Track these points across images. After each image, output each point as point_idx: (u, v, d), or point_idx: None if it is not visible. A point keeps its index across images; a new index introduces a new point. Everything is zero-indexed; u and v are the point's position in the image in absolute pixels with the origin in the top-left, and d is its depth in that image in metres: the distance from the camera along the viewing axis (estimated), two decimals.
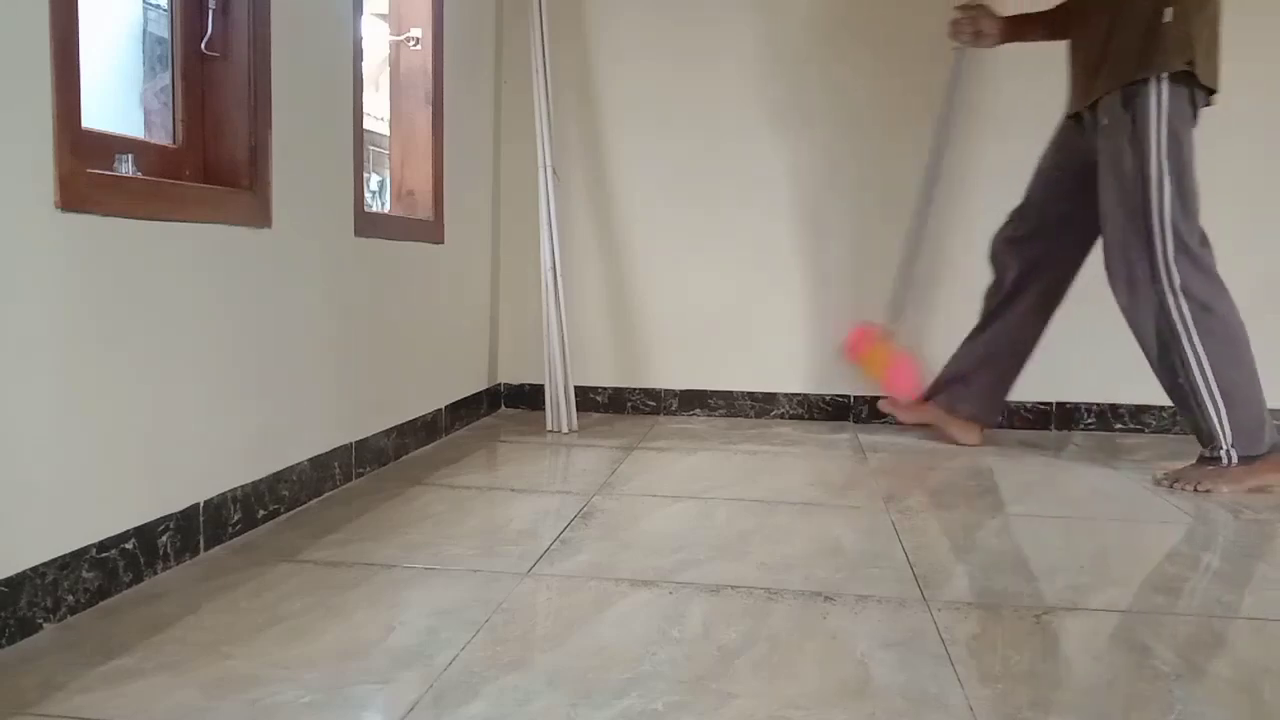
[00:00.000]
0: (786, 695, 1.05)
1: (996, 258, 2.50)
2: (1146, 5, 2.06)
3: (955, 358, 2.56)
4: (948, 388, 2.57)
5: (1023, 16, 2.44)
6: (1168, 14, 2.03)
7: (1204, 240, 2.13)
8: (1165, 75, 2.04)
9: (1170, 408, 2.83)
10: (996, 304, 2.49)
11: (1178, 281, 2.07)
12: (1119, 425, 2.85)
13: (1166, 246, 2.07)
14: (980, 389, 2.53)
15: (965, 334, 2.57)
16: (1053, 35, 2.37)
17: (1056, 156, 2.37)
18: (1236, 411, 2.07)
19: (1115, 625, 1.29)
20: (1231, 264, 2.78)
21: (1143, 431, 2.84)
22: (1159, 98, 2.05)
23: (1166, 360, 2.12)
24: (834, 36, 2.84)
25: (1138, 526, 1.81)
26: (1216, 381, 2.07)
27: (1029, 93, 2.69)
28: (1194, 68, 2.03)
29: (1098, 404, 2.85)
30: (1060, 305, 2.48)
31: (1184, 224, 2.08)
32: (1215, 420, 2.08)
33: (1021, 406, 2.87)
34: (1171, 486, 2.11)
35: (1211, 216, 2.78)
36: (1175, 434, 2.82)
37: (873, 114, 2.87)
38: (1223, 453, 2.08)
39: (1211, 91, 2.10)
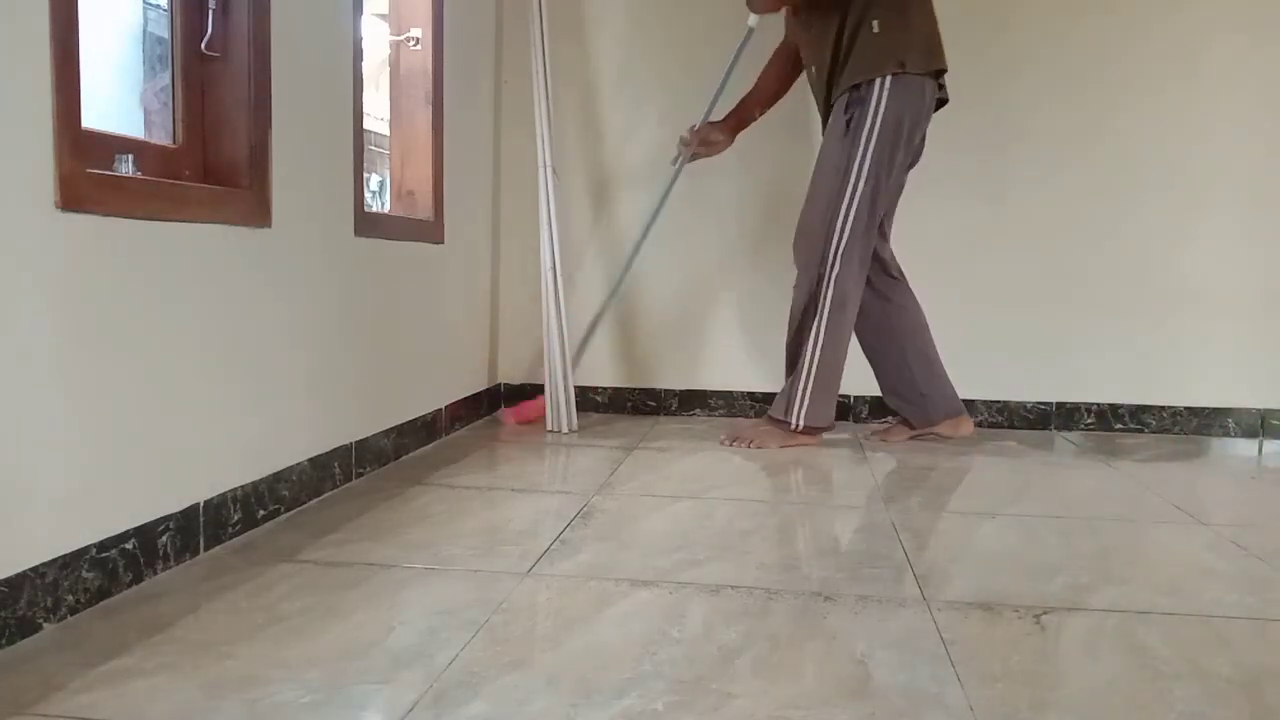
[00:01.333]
0: (786, 695, 1.05)
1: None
2: (855, 20, 2.33)
3: (882, 387, 2.62)
4: (899, 404, 2.60)
5: (738, 108, 2.67)
6: (875, 25, 2.32)
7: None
8: (886, 76, 2.31)
9: (1170, 407, 2.84)
10: (878, 312, 2.56)
11: (839, 273, 2.37)
12: (1119, 425, 2.85)
13: (843, 240, 2.37)
14: (926, 386, 2.55)
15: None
16: (771, 101, 2.68)
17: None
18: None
19: (1115, 625, 1.29)
20: (1233, 264, 2.80)
21: (1143, 431, 2.84)
22: (881, 96, 2.32)
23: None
24: None
25: (1138, 526, 1.81)
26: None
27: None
28: (905, 68, 2.31)
29: (1098, 404, 2.85)
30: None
31: (868, 220, 2.37)
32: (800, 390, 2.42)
33: (1022, 406, 2.87)
34: (731, 443, 2.47)
35: (1212, 216, 2.80)
36: (1175, 433, 2.82)
37: None
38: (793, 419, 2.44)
39: (939, 73, 2.39)
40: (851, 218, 2.35)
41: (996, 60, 2.81)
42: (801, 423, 2.43)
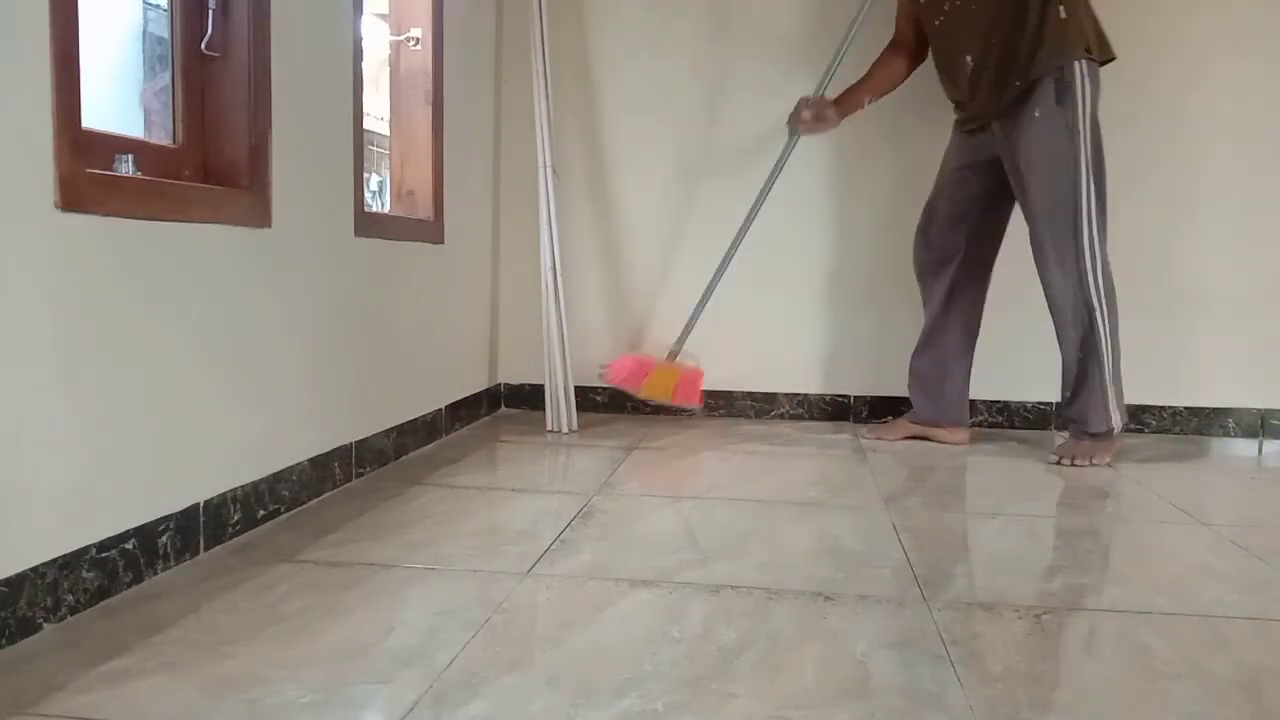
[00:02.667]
0: (786, 695, 1.05)
1: (923, 274, 2.62)
2: (1038, 5, 2.25)
3: (915, 371, 2.63)
4: (919, 400, 2.62)
5: (849, 91, 2.60)
6: (1062, 10, 2.24)
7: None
8: (1083, 60, 2.24)
9: (1170, 407, 2.83)
10: (935, 314, 2.59)
11: (1100, 262, 2.29)
12: None
13: (1092, 230, 2.28)
14: (948, 393, 2.59)
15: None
16: (884, 93, 2.62)
17: (963, 169, 2.51)
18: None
19: (1115, 625, 1.29)
20: (1233, 264, 2.80)
21: (1143, 431, 2.84)
22: (1084, 83, 2.24)
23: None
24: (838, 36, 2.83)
25: (1138, 526, 1.81)
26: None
27: None
28: (1091, 53, 2.25)
29: None
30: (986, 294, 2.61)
31: (1101, 210, 2.29)
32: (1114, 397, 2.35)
33: (1022, 406, 2.87)
34: (1072, 463, 2.31)
35: (1212, 217, 2.80)
36: (1175, 433, 2.82)
37: (876, 116, 2.86)
38: (1114, 425, 2.34)
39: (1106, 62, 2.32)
40: (1094, 205, 2.26)
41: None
42: (1117, 425, 2.35)
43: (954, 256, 2.53)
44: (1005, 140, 2.34)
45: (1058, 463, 2.33)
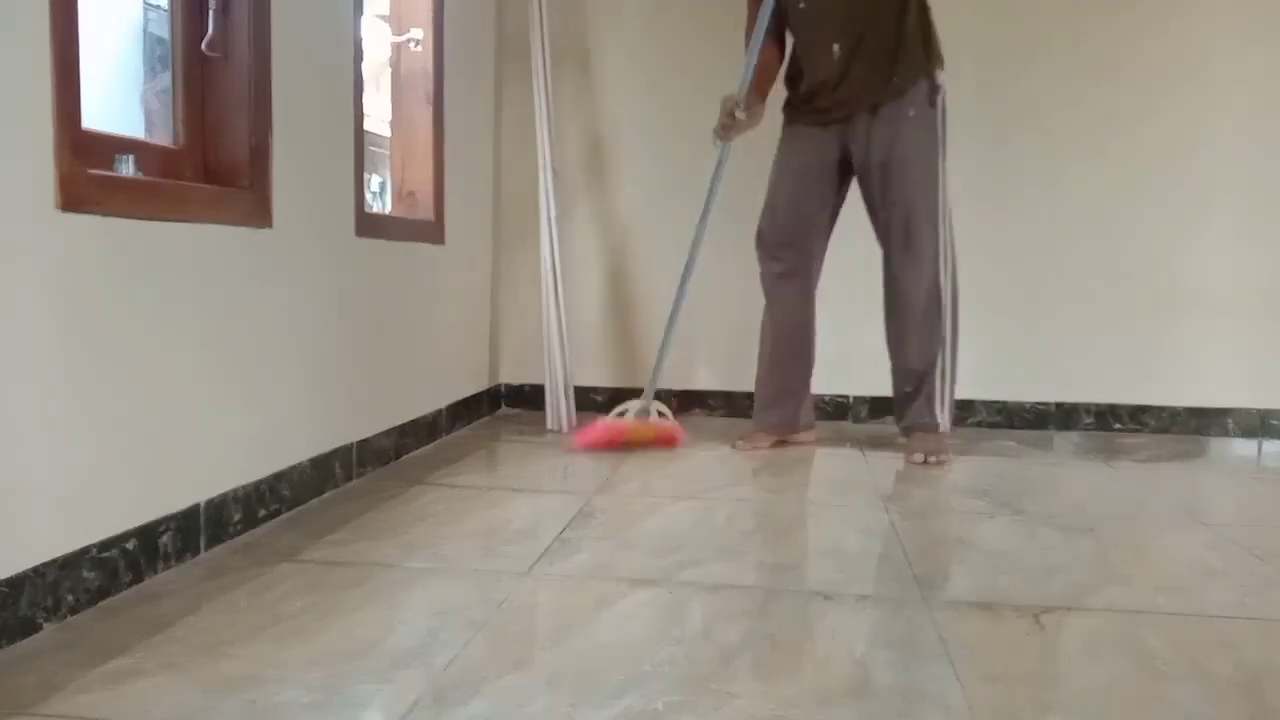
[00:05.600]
0: (786, 695, 1.05)
1: (774, 286, 2.48)
2: (915, 11, 2.27)
3: (782, 386, 2.52)
4: (788, 416, 2.52)
5: (757, 79, 2.42)
6: (934, 26, 2.30)
7: None
8: (941, 71, 2.29)
9: (1170, 407, 2.83)
10: (798, 322, 2.50)
11: (953, 264, 2.32)
12: (1118, 425, 2.85)
13: (949, 231, 2.31)
14: (807, 401, 2.56)
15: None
16: (782, 57, 2.48)
17: (809, 166, 2.40)
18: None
19: (1115, 625, 1.29)
20: (1233, 265, 2.80)
21: (1142, 432, 2.84)
22: (945, 93, 2.29)
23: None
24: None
25: (1138, 526, 1.81)
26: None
27: None
28: (943, 67, 2.30)
29: (1097, 404, 2.85)
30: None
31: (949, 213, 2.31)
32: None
33: (1021, 406, 2.87)
34: (936, 460, 2.30)
35: (1212, 217, 2.80)
36: (1174, 433, 2.82)
37: None
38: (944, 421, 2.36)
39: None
40: (950, 209, 2.30)
41: (1000, 63, 2.81)
42: (947, 426, 2.36)
43: (803, 261, 2.44)
44: (869, 135, 2.29)
45: (923, 462, 2.30)
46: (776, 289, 2.48)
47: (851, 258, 2.89)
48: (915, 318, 2.33)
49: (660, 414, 2.53)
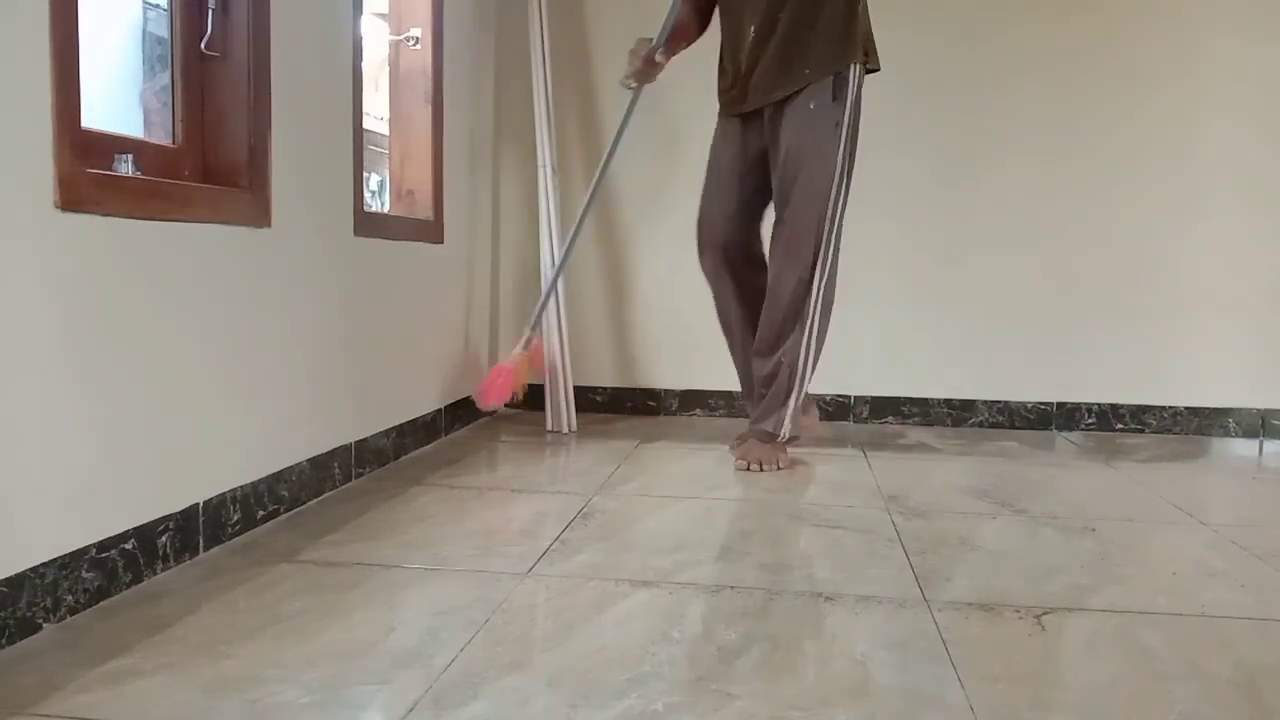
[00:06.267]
0: (786, 695, 1.05)
1: (718, 283, 2.40)
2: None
3: (756, 378, 2.37)
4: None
5: (670, 41, 2.36)
6: (858, 8, 2.18)
7: None
8: (859, 64, 2.18)
9: (1170, 407, 2.83)
10: (747, 321, 2.39)
11: (830, 269, 2.23)
12: (1119, 425, 2.85)
13: (832, 235, 2.22)
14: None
15: None
16: (690, 41, 2.43)
17: (736, 160, 2.33)
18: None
19: (1115, 625, 1.29)
20: (1234, 265, 2.80)
21: (1143, 431, 2.84)
22: (857, 87, 2.18)
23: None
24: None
25: (1138, 526, 1.81)
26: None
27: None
28: (867, 58, 2.21)
29: (1098, 404, 2.85)
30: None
31: (842, 217, 2.23)
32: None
33: (1022, 406, 2.87)
34: (760, 467, 2.20)
35: (1212, 216, 2.80)
36: (1175, 433, 2.82)
37: (872, 117, 2.86)
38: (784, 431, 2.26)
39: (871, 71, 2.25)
40: (839, 218, 2.21)
41: (996, 59, 2.81)
42: (788, 434, 2.26)
43: (741, 258, 2.36)
44: (773, 127, 2.22)
45: (746, 469, 2.20)
46: (716, 284, 2.40)
47: (852, 257, 2.90)
48: (779, 311, 2.23)
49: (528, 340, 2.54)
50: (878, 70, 2.26)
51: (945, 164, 2.83)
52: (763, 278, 2.32)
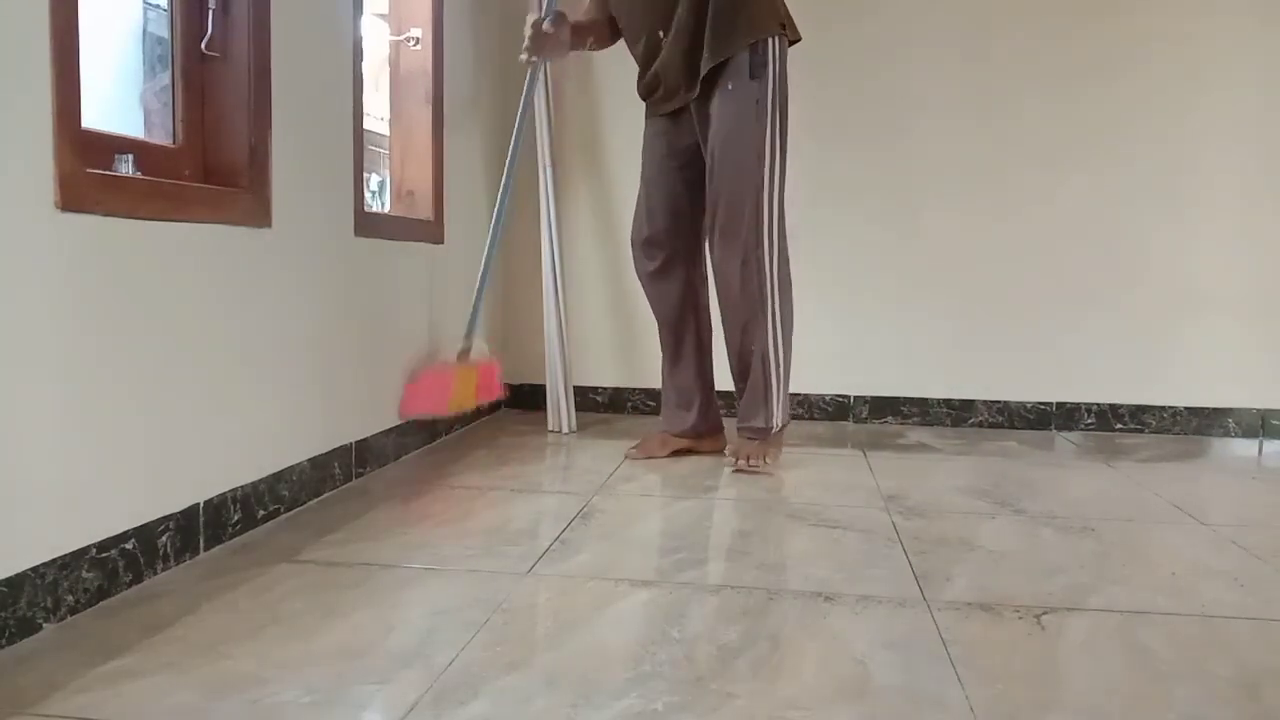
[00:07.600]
0: (786, 695, 1.05)
1: (651, 284, 2.38)
2: None
3: (674, 386, 2.40)
4: (679, 415, 2.39)
5: (581, 25, 2.36)
6: None
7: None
8: (777, 36, 2.12)
9: (1170, 407, 2.83)
10: (675, 322, 2.37)
11: (778, 251, 2.16)
12: (1119, 425, 2.85)
13: (773, 216, 2.15)
14: (704, 403, 2.39)
15: None
16: (604, 43, 2.42)
17: (669, 158, 2.30)
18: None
19: (1115, 625, 1.29)
20: (1233, 265, 2.80)
21: (1143, 431, 2.84)
22: (777, 60, 2.12)
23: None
24: (828, 35, 2.84)
25: (1138, 526, 1.81)
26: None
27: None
28: (785, 29, 2.15)
29: (1098, 404, 2.85)
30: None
31: (781, 197, 2.17)
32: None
33: (1022, 406, 2.87)
34: (747, 464, 2.17)
35: (1212, 217, 2.80)
36: (1175, 433, 2.82)
37: (864, 120, 2.87)
38: (774, 422, 2.21)
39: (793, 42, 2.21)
40: (778, 194, 2.14)
41: (997, 61, 2.81)
42: (780, 424, 2.22)
43: (678, 257, 2.32)
44: (699, 118, 2.19)
45: (736, 469, 2.18)
46: (650, 287, 2.37)
47: (852, 258, 2.90)
48: (733, 297, 2.17)
49: (466, 353, 2.41)
50: (799, 40, 2.20)
51: (945, 165, 2.83)
52: (698, 280, 2.33)
